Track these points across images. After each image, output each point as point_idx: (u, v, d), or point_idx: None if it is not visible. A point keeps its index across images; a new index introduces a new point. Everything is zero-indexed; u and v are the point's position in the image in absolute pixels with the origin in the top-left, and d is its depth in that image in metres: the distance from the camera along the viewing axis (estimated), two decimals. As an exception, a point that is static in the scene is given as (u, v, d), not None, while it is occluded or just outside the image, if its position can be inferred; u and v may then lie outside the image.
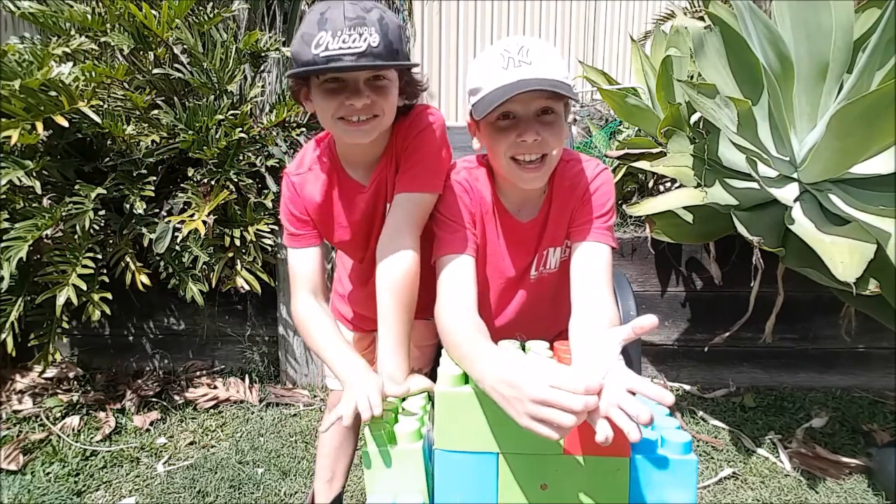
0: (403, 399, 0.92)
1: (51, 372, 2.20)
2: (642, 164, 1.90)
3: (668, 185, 2.26)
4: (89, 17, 2.06)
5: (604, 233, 1.01)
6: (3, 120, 1.73)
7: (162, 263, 2.01)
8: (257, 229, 2.05)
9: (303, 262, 1.09)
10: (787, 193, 1.58)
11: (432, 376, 0.92)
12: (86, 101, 1.83)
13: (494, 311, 1.14)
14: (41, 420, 1.99)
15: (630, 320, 1.24)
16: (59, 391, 2.15)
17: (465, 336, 0.86)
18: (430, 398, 0.90)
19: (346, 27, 0.87)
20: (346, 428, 1.33)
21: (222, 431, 2.00)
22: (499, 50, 0.93)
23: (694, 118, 1.84)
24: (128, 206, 1.95)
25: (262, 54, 2.27)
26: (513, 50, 0.92)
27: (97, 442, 1.91)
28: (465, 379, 0.81)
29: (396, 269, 0.98)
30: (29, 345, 1.92)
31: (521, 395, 0.67)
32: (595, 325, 0.86)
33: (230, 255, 2.03)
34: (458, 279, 0.97)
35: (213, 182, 2.03)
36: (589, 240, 1.01)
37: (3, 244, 1.77)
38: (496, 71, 0.92)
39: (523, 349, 0.89)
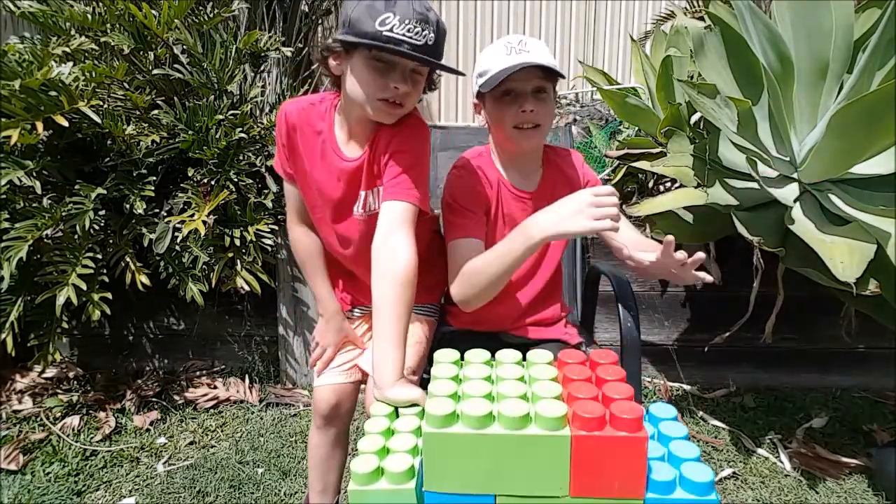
0: (396, 413, 0.85)
1: (51, 372, 2.20)
2: (642, 164, 1.90)
3: (668, 185, 2.26)
4: (89, 16, 2.06)
5: None
6: (3, 120, 1.73)
7: (162, 263, 2.00)
8: (257, 229, 2.05)
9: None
10: (787, 193, 1.57)
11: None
12: (86, 101, 1.83)
13: (516, 284, 1.29)
14: (41, 420, 1.99)
15: (630, 320, 1.27)
16: (59, 391, 2.15)
17: (480, 257, 1.10)
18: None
19: (414, 19, 0.98)
20: (333, 439, 1.33)
21: (222, 431, 2.00)
22: (503, 42, 1.17)
23: (694, 118, 1.83)
24: (128, 206, 1.95)
25: (262, 54, 2.27)
26: (514, 42, 1.16)
27: (97, 442, 1.91)
28: (455, 417, 0.72)
29: (396, 266, 0.99)
30: (29, 345, 1.92)
31: (580, 201, 0.96)
32: None
33: (230, 255, 2.03)
34: (469, 259, 1.12)
35: (213, 182, 2.03)
36: None
37: (3, 244, 1.77)
38: (501, 56, 1.15)
39: (524, 358, 0.86)
